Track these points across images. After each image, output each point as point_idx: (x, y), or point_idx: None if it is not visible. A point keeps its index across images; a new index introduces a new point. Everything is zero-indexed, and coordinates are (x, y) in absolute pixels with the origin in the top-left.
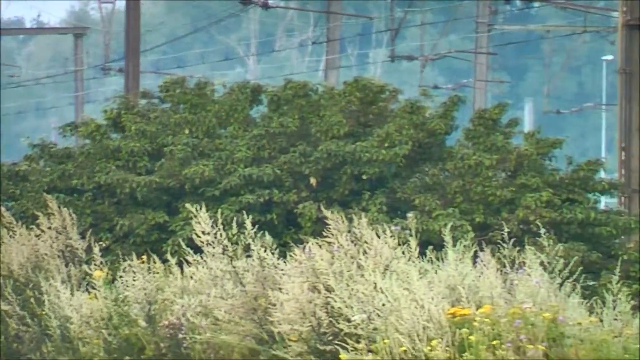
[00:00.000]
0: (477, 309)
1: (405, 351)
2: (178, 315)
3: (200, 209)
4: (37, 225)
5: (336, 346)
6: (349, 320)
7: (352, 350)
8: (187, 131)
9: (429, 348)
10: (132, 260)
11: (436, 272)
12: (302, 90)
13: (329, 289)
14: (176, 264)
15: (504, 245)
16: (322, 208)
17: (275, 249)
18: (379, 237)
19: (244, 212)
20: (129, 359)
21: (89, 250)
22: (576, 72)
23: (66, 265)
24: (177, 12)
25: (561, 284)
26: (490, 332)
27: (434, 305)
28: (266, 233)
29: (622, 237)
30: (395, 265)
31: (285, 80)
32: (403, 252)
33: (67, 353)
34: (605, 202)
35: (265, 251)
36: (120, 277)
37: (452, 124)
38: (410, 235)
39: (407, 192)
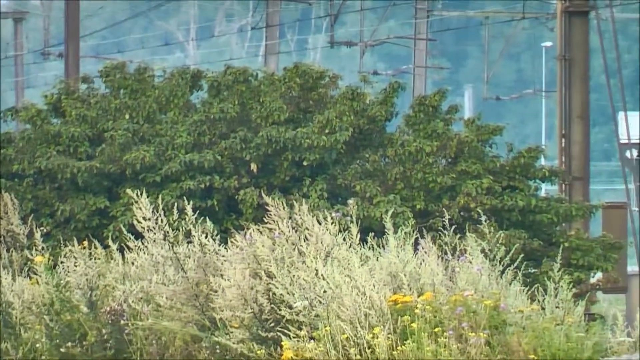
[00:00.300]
0: (418, 296)
1: (347, 338)
2: (120, 301)
3: (141, 194)
4: None
5: (278, 333)
6: (290, 307)
7: (294, 337)
8: (127, 116)
9: (371, 335)
10: (73, 245)
11: (377, 259)
12: (242, 76)
13: (270, 276)
14: (117, 249)
15: (445, 232)
16: (263, 194)
17: (216, 235)
18: (320, 223)
19: (185, 198)
20: (70, 344)
21: (30, 235)
22: (516, 59)
23: (7, 251)
24: None
25: (502, 272)
26: (432, 320)
27: (375, 293)
28: (207, 219)
29: (563, 224)
30: (336, 252)
31: (225, 65)
32: (344, 239)
33: (9, 339)
34: (545, 189)
35: (206, 237)
36: (62, 262)
37: (393, 110)
38: (351, 222)
39: (347, 179)
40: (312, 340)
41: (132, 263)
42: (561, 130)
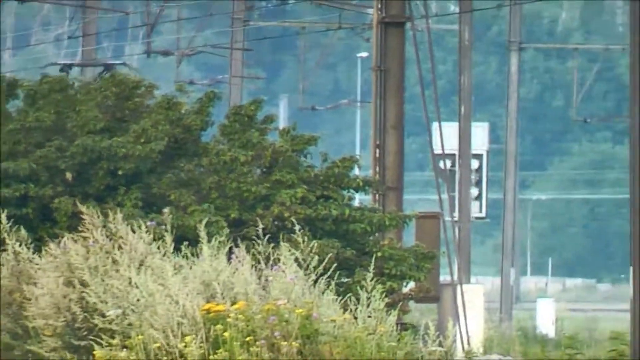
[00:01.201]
0: (231, 305)
1: (159, 347)
2: None
3: None
4: None
5: (91, 341)
6: (103, 316)
7: (106, 346)
8: None
9: (183, 344)
10: None
11: (191, 268)
12: (58, 85)
13: (83, 284)
14: None
15: (259, 241)
16: (78, 203)
17: (31, 243)
18: (134, 232)
19: None
20: None
21: None
22: (332, 69)
23: None
24: None
25: (316, 281)
26: (244, 329)
27: (188, 301)
28: (21, 227)
29: (377, 234)
30: (150, 261)
31: (41, 74)
32: (158, 248)
33: None
34: (359, 199)
35: (20, 245)
36: None
37: (208, 120)
38: (166, 231)
39: (162, 188)
40: (124, 349)
41: None
42: (375, 140)
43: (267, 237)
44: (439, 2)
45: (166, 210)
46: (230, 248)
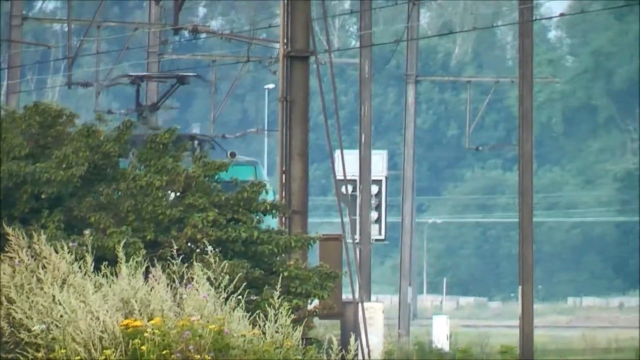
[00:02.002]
0: (148, 321)
1: None
2: None
3: None
4: None
5: (17, 355)
6: (29, 330)
7: (32, 359)
8: None
9: (104, 357)
10: None
11: (110, 286)
12: None
13: (10, 301)
14: None
15: (174, 261)
16: (4, 225)
17: None
18: (57, 252)
19: None
20: None
21: None
22: (241, 99)
23: None
24: None
25: (227, 299)
26: (160, 343)
27: (108, 317)
28: None
29: (283, 254)
30: (72, 279)
31: None
32: (80, 267)
33: None
34: (268, 223)
35: None
36: None
37: (126, 146)
38: (87, 252)
39: (83, 211)
40: None
41: None
42: (282, 166)
43: (181, 257)
44: (341, 36)
45: (87, 232)
46: (147, 268)
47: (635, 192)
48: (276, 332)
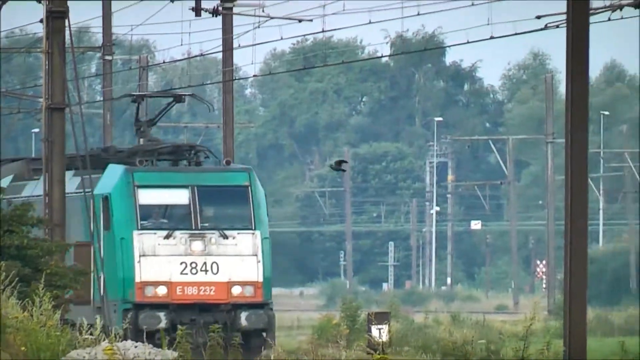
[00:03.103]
0: None
1: None
2: None
3: None
4: None
5: None
6: None
7: None
8: None
9: None
10: None
11: None
12: None
13: None
14: None
15: None
16: None
17: None
18: None
19: None
20: None
21: None
22: (14, 141)
23: None
24: None
25: (3, 290)
26: None
27: None
28: None
29: (47, 257)
30: None
31: None
32: None
33: None
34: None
35: None
36: None
37: None
38: None
39: None
40: None
41: None
42: (44, 190)
43: None
44: (89, 92)
45: None
46: None
47: (312, 209)
48: (41, 315)
